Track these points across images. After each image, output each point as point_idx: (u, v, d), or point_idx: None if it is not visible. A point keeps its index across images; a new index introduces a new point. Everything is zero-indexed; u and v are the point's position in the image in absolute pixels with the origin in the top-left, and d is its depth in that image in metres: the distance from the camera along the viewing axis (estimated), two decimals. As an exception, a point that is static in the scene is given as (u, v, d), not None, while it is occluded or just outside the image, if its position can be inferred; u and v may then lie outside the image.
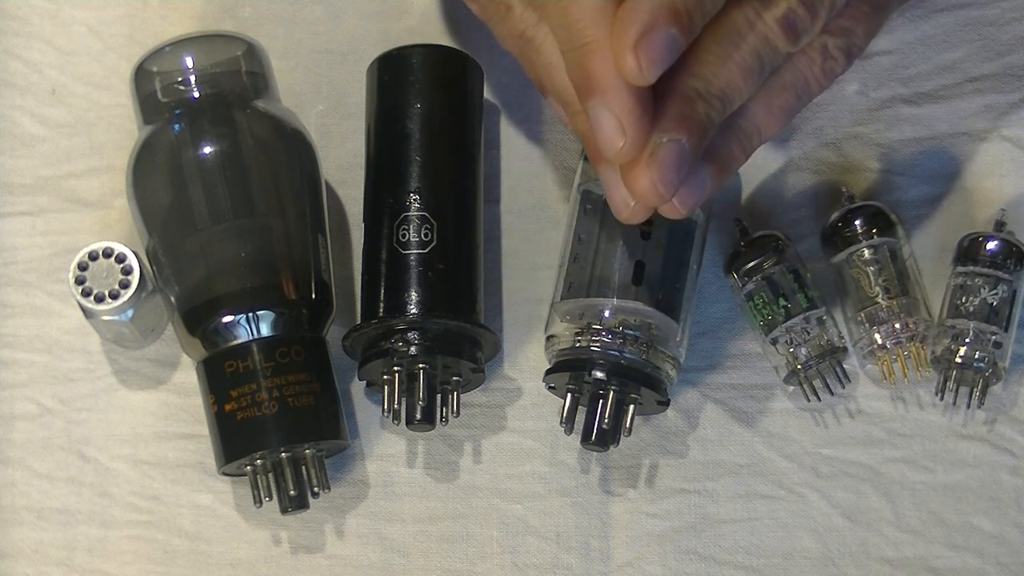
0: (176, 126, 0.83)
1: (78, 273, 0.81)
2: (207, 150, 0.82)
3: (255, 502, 0.81)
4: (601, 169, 0.74)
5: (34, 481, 0.84)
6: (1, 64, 0.90)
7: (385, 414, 0.81)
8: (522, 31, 0.76)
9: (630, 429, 0.81)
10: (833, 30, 0.75)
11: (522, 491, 0.85)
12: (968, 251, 0.84)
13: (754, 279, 0.84)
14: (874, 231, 0.84)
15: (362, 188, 0.85)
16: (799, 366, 0.83)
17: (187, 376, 0.85)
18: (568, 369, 0.81)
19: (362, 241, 0.84)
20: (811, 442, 0.85)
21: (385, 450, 0.85)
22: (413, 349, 0.81)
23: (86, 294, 0.81)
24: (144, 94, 0.84)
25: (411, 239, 0.82)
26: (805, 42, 0.74)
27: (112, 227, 0.87)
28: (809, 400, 0.84)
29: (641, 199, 0.72)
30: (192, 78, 0.83)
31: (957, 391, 0.83)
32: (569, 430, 0.82)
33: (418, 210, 0.82)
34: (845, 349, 0.84)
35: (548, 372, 0.82)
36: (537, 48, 0.76)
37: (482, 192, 0.85)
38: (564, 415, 0.82)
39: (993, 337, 0.83)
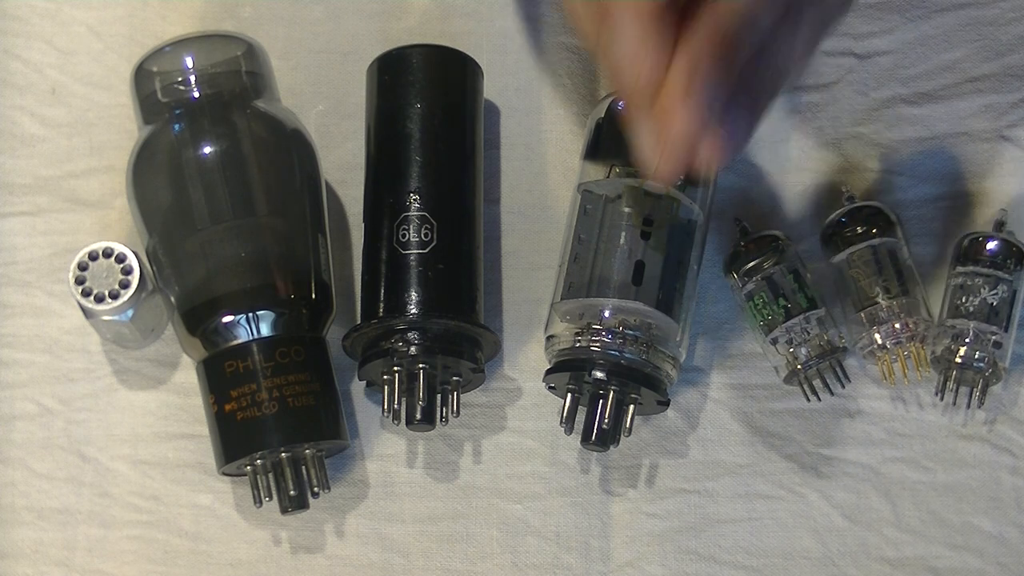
0: (176, 126, 0.83)
1: (78, 273, 0.81)
2: (207, 150, 0.82)
3: (255, 502, 0.81)
4: (633, 120, 0.71)
5: (34, 481, 0.84)
6: (1, 64, 0.90)
7: (385, 414, 0.81)
8: None
9: (630, 429, 0.81)
10: None
11: (522, 491, 0.85)
12: (968, 251, 0.84)
13: (754, 279, 0.84)
14: (874, 231, 0.84)
15: (362, 188, 0.85)
16: (799, 366, 0.83)
17: (187, 376, 0.85)
18: (568, 369, 0.81)
19: (362, 241, 0.84)
20: (811, 442, 0.85)
21: (385, 450, 0.85)
22: (413, 349, 0.81)
23: (86, 294, 0.81)
24: (144, 94, 0.84)
25: (411, 239, 0.82)
26: None
27: (112, 227, 0.87)
28: (809, 400, 0.84)
29: (679, 135, 0.69)
30: (192, 78, 0.83)
31: (957, 391, 0.83)
32: (569, 430, 0.82)
33: (418, 210, 0.82)
34: (845, 349, 0.84)
35: (548, 372, 0.82)
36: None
37: (482, 192, 0.85)
38: (564, 415, 0.82)
39: (993, 337, 0.82)
